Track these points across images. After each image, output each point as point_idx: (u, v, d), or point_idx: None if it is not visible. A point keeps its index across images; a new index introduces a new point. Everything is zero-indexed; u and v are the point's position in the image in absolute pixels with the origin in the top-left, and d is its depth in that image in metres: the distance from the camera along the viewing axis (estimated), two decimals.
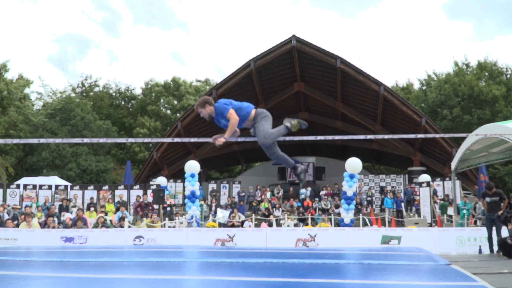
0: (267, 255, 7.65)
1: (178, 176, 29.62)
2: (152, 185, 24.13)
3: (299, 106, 32.65)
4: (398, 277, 5.48)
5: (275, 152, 7.03)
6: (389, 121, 29.75)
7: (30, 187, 23.82)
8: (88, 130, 40.81)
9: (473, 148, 17.22)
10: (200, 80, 53.92)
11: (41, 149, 38.46)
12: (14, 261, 7.61)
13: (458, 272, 5.61)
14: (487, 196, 12.76)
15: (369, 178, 30.43)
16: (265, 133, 6.71)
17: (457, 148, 21.19)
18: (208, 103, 6.72)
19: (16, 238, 15.96)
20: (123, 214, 18.98)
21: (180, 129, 29.58)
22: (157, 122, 47.89)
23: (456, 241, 14.76)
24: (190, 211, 20.97)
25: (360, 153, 35.95)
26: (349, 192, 20.64)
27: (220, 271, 6.06)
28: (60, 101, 43.82)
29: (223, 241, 15.66)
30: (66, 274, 5.97)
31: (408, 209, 24.79)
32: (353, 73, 27.22)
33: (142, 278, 5.64)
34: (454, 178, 20.07)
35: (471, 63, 44.07)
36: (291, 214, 24.13)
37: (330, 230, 16.82)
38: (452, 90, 39.19)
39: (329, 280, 5.25)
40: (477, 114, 37.76)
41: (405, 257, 7.86)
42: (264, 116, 6.79)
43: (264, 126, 6.73)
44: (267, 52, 27.90)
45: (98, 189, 24.08)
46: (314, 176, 33.45)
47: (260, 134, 6.69)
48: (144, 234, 16.15)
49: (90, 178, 38.37)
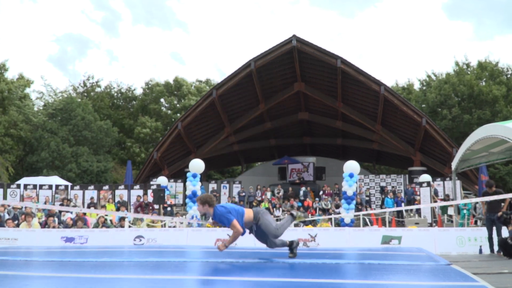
0: (268, 255, 7.65)
1: (179, 176, 29.64)
2: (152, 185, 24.14)
3: (300, 106, 32.66)
4: (398, 277, 5.47)
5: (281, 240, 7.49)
6: (390, 121, 29.74)
7: (31, 187, 23.83)
8: (88, 130, 40.80)
9: (473, 148, 17.22)
10: (201, 81, 53.95)
11: (41, 149, 38.43)
12: (14, 261, 7.61)
13: (459, 272, 5.61)
14: (487, 195, 12.72)
15: (370, 178, 30.44)
16: (275, 226, 7.22)
17: (458, 148, 21.19)
18: (208, 204, 7.15)
19: (17, 238, 15.96)
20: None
21: (180, 129, 29.60)
22: (158, 122, 47.89)
23: (457, 241, 14.74)
24: (191, 211, 20.97)
25: (360, 153, 36.07)
26: (349, 192, 20.64)
27: (220, 271, 6.06)
28: (61, 101, 43.81)
29: (223, 241, 15.65)
30: (66, 274, 5.97)
31: (408, 209, 24.80)
32: (354, 73, 27.23)
33: (142, 278, 5.64)
34: (455, 178, 20.07)
35: (471, 63, 44.09)
36: None
37: (331, 230, 16.81)
38: (452, 90, 39.19)
39: (330, 280, 5.25)
40: (477, 114, 37.75)
41: (406, 257, 7.85)
42: (264, 213, 7.28)
43: (270, 221, 7.23)
44: (267, 52, 27.91)
45: (98, 189, 24.09)
46: (314, 176, 33.46)
47: (271, 228, 7.18)
48: (144, 234, 16.15)
49: (90, 179, 38.37)
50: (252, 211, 7.25)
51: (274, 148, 37.77)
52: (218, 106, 29.59)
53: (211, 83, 51.68)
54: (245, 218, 7.12)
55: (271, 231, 7.16)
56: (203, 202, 7.15)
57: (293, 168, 33.94)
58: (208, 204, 7.14)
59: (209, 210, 7.16)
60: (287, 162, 34.32)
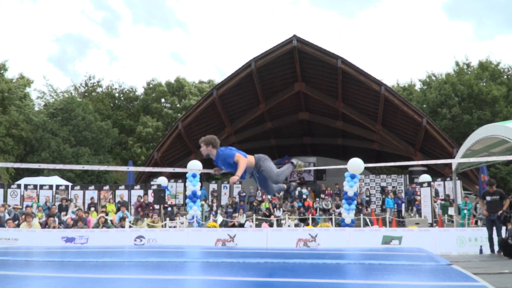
0: (268, 255, 7.66)
1: (179, 176, 29.62)
2: (153, 185, 24.14)
3: (300, 106, 32.66)
4: (399, 277, 5.48)
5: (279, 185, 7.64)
6: (390, 121, 29.74)
7: (31, 187, 23.84)
8: (88, 131, 40.80)
9: (474, 148, 17.23)
10: (203, 81, 53.97)
11: (41, 149, 38.46)
12: (14, 261, 7.61)
13: (459, 272, 5.61)
14: (487, 195, 12.74)
15: (370, 178, 30.43)
16: (277, 173, 7.27)
17: (458, 148, 21.19)
18: (212, 145, 7.16)
19: (17, 238, 15.98)
20: (124, 214, 19.00)
21: (181, 129, 29.60)
22: (159, 122, 47.88)
23: (457, 241, 14.76)
24: (191, 211, 20.98)
25: (361, 153, 35.95)
26: (350, 192, 20.65)
27: (221, 271, 6.06)
28: (61, 101, 43.83)
29: (224, 241, 15.68)
30: (67, 274, 5.97)
31: (409, 209, 24.80)
32: (354, 73, 27.22)
33: (143, 278, 5.64)
34: (455, 178, 20.08)
35: (472, 63, 44.10)
36: (292, 214, 24.13)
37: (331, 230, 16.82)
38: (452, 90, 39.19)
39: (330, 280, 5.25)
40: (477, 114, 37.75)
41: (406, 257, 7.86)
42: (266, 159, 7.32)
43: (272, 167, 7.28)
44: (267, 52, 27.91)
45: (99, 189, 24.09)
46: (315, 176, 33.47)
47: (272, 174, 7.24)
48: (145, 234, 16.17)
49: (91, 180, 38.38)
50: (254, 157, 7.26)
51: (275, 148, 37.76)
52: (219, 106, 29.59)
53: (213, 83, 51.68)
54: (248, 163, 7.07)
55: (273, 176, 7.21)
56: (207, 143, 7.14)
57: None
58: (212, 145, 7.13)
59: (212, 152, 7.13)
60: (287, 162, 34.26)
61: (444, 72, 48.38)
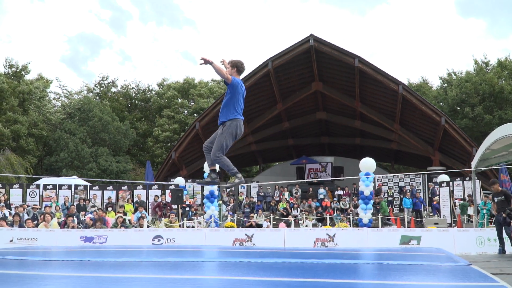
0: (286, 255, 7.64)
1: (197, 176, 29.71)
2: (170, 185, 24.22)
3: (317, 105, 32.57)
4: (418, 277, 5.44)
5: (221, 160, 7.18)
6: (408, 120, 29.54)
7: (50, 187, 24.06)
8: (106, 132, 41.08)
9: (493, 147, 17.04)
10: (215, 80, 53.97)
11: (60, 150, 38.83)
12: (33, 261, 7.69)
13: (478, 273, 5.56)
14: (495, 196, 12.77)
15: (388, 178, 30.26)
16: (219, 150, 7.04)
17: (477, 147, 20.97)
18: (237, 69, 7.13)
19: (36, 238, 16.12)
20: (142, 214, 19.08)
21: (198, 129, 29.70)
22: (175, 125, 47.94)
23: (476, 241, 14.64)
24: (208, 211, 21.03)
25: (379, 153, 35.84)
26: (366, 192, 20.54)
27: (238, 271, 6.07)
28: (78, 101, 44.22)
29: (241, 241, 15.70)
30: (85, 273, 6.02)
31: (427, 209, 24.62)
32: (371, 72, 27.07)
33: (161, 277, 5.66)
34: (474, 178, 19.87)
35: (490, 61, 43.64)
36: (310, 214, 24.07)
37: (349, 230, 16.76)
38: (473, 89, 38.80)
39: (348, 280, 5.23)
40: (498, 114, 37.33)
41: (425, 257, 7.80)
42: (229, 132, 7.06)
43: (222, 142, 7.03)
44: (284, 51, 27.86)
45: (117, 189, 24.24)
46: (332, 175, 33.35)
47: (216, 146, 7.05)
48: (163, 234, 16.24)
49: (110, 179, 38.66)
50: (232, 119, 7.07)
51: (292, 147, 37.74)
52: None
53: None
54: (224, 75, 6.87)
55: (215, 148, 7.06)
56: (234, 65, 7.13)
57: (311, 168, 33.86)
58: (237, 68, 7.13)
59: (232, 74, 7.06)
60: (305, 162, 34.25)
61: (459, 70, 47.96)
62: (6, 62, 42.18)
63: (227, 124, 7.06)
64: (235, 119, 7.06)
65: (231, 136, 7.07)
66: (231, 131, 7.05)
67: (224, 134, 7.04)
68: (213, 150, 7.09)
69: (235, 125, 7.06)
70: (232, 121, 7.06)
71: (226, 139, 7.03)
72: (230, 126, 7.04)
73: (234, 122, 7.06)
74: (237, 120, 7.08)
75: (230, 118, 7.05)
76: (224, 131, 7.06)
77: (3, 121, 37.12)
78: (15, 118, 38.00)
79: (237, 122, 7.08)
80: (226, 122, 7.07)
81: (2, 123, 36.64)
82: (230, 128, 7.05)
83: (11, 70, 42.10)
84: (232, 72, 7.09)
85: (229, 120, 7.06)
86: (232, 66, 7.11)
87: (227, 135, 7.04)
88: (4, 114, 37.97)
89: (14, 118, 37.98)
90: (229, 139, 7.05)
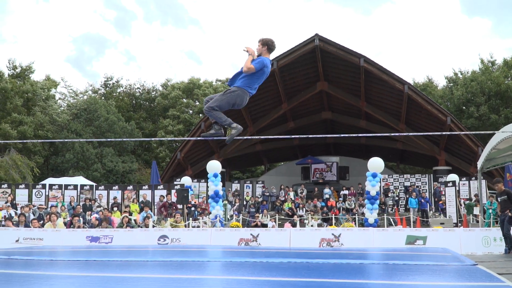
0: (291, 255, 7.64)
1: (202, 176, 29.72)
2: (176, 185, 24.24)
3: (323, 105, 32.54)
4: (423, 277, 5.43)
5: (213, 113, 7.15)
6: (414, 120, 29.48)
7: (56, 187, 24.12)
8: (111, 132, 41.15)
9: (499, 147, 16.99)
10: (220, 80, 53.97)
11: (66, 150, 38.92)
12: (39, 261, 7.71)
13: (484, 273, 5.55)
14: (498, 196, 12.79)
15: (394, 177, 30.21)
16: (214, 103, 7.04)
17: (483, 147, 20.91)
18: (268, 47, 7.03)
19: (42, 238, 16.15)
20: (148, 214, 19.10)
21: (203, 129, 29.69)
22: (179, 125, 47.96)
23: (482, 241, 14.61)
24: (213, 211, 21.03)
25: (384, 153, 35.76)
26: (372, 192, 20.50)
27: (244, 271, 6.07)
28: (84, 101, 44.32)
29: (247, 241, 15.70)
30: (91, 273, 6.03)
31: (433, 209, 24.56)
32: (377, 72, 27.01)
33: (166, 277, 5.67)
34: (480, 178, 19.81)
35: (496, 60, 43.49)
36: (315, 214, 24.05)
37: (354, 230, 16.74)
38: (479, 88, 38.67)
39: (354, 280, 5.22)
40: (505, 113, 37.19)
41: (431, 257, 7.79)
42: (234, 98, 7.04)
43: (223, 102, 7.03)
44: (290, 51, 27.83)
45: (122, 189, 24.27)
46: (338, 175, 33.31)
47: (214, 101, 7.06)
48: (168, 234, 16.25)
49: (115, 179, 38.73)
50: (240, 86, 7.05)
51: (297, 147, 37.70)
52: None
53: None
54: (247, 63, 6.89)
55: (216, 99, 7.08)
56: (264, 43, 7.04)
57: (316, 168, 33.82)
58: (268, 47, 7.03)
59: (262, 53, 7.01)
60: (310, 162, 34.21)
61: (465, 69, 47.76)
62: (10, 63, 42.42)
63: (233, 89, 7.04)
64: (245, 90, 7.02)
65: (230, 102, 7.04)
66: (234, 97, 7.02)
67: (227, 95, 7.03)
68: (210, 102, 7.08)
69: (241, 95, 7.02)
70: (241, 90, 7.02)
71: (225, 100, 7.02)
72: (236, 92, 7.01)
73: (241, 92, 7.02)
74: (245, 92, 7.03)
75: (241, 86, 7.00)
76: (228, 93, 7.05)
77: (9, 122, 37.25)
78: (20, 119, 38.12)
79: (244, 94, 7.03)
80: (235, 88, 7.04)
81: (9, 125, 36.78)
82: (234, 94, 7.02)
83: (16, 71, 42.26)
84: (262, 50, 7.01)
85: (240, 88, 7.01)
86: (263, 44, 7.03)
87: (229, 97, 7.03)
88: (9, 115, 38.12)
89: (20, 119, 38.11)
90: (228, 102, 7.03)
